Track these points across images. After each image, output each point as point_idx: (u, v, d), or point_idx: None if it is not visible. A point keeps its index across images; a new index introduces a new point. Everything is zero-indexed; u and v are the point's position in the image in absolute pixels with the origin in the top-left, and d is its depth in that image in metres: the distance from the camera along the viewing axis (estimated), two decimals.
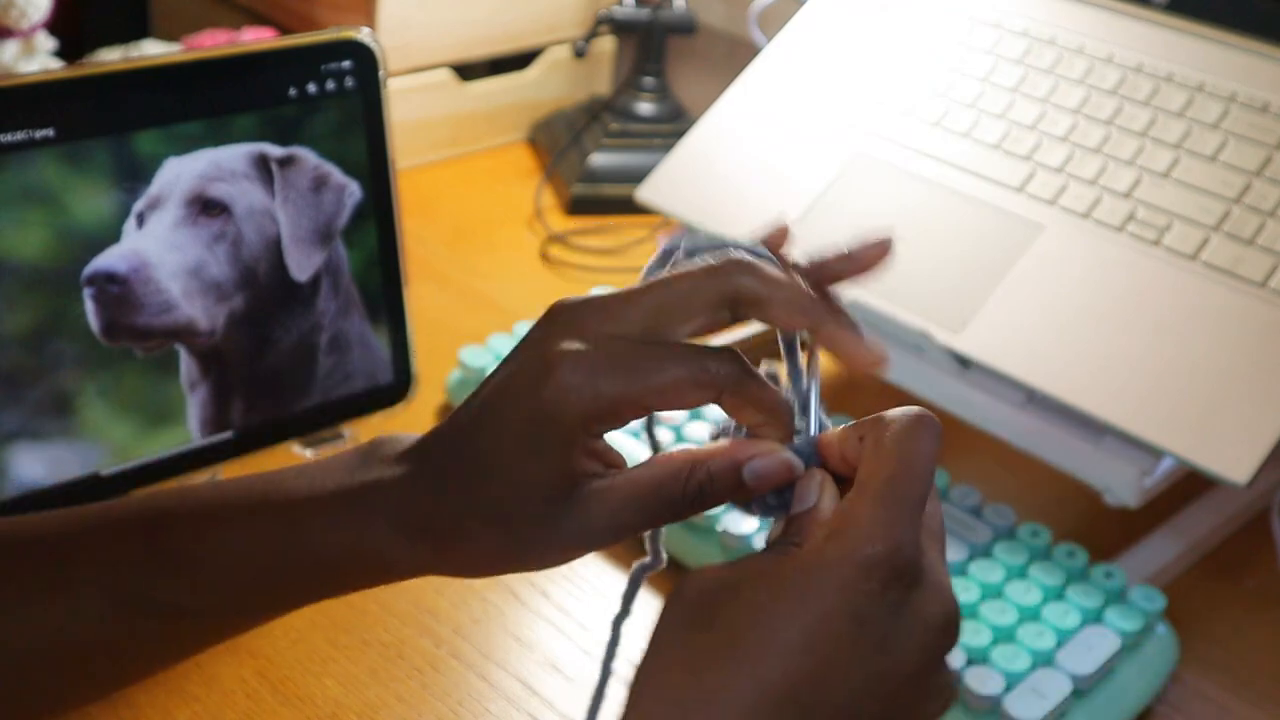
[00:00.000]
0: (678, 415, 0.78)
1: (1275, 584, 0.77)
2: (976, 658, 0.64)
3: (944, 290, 0.78)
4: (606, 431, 0.44)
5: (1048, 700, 0.62)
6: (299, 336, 0.70)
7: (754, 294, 0.43)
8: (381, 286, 0.72)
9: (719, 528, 0.71)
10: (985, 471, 0.80)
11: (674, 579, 0.43)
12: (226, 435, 0.68)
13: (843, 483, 0.43)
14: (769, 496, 0.44)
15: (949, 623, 0.41)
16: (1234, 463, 0.67)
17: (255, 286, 0.68)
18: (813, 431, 0.44)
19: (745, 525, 0.70)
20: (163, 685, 0.63)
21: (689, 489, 0.43)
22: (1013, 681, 0.63)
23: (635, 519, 0.43)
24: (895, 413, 0.42)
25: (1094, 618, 0.67)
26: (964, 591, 0.67)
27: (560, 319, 0.44)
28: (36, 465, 0.63)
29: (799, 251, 0.47)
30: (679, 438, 0.76)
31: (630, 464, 0.45)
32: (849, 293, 0.47)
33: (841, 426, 0.44)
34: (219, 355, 0.68)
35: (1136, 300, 0.74)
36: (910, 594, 0.39)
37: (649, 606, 0.71)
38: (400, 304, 0.73)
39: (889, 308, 0.78)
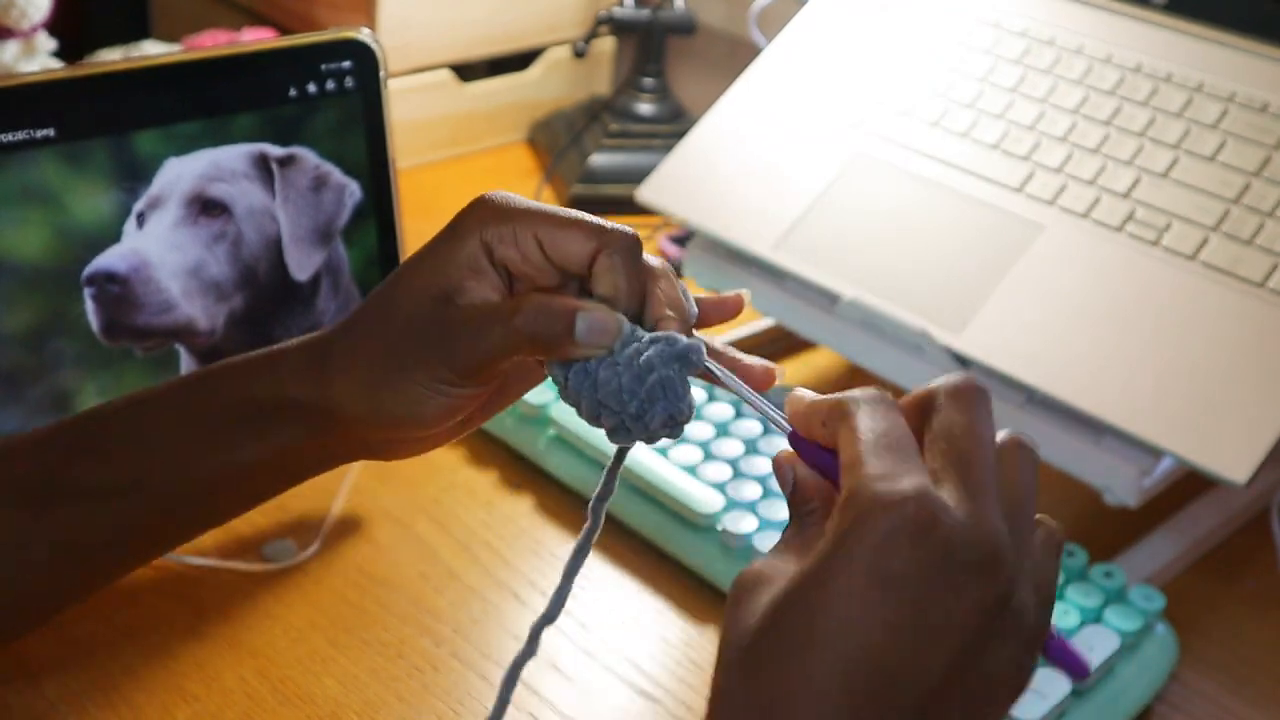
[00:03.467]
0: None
1: (1275, 584, 0.77)
2: None
3: (944, 290, 0.78)
4: (504, 255, 0.48)
5: (1048, 700, 0.62)
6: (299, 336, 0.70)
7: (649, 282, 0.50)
8: None
9: (719, 526, 0.71)
10: None
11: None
12: None
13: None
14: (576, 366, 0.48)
15: (986, 563, 0.39)
16: (1233, 462, 0.67)
17: (255, 286, 0.68)
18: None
19: (745, 525, 0.70)
20: (163, 685, 0.64)
21: (519, 317, 0.47)
22: None
23: (501, 341, 0.47)
24: (857, 393, 0.44)
25: (1093, 617, 0.67)
26: None
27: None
28: None
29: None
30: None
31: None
32: (848, 292, 0.48)
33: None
34: (219, 355, 0.68)
35: (1136, 300, 0.74)
36: (937, 540, 0.39)
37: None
38: None
39: (889, 308, 0.78)
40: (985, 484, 0.40)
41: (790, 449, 0.45)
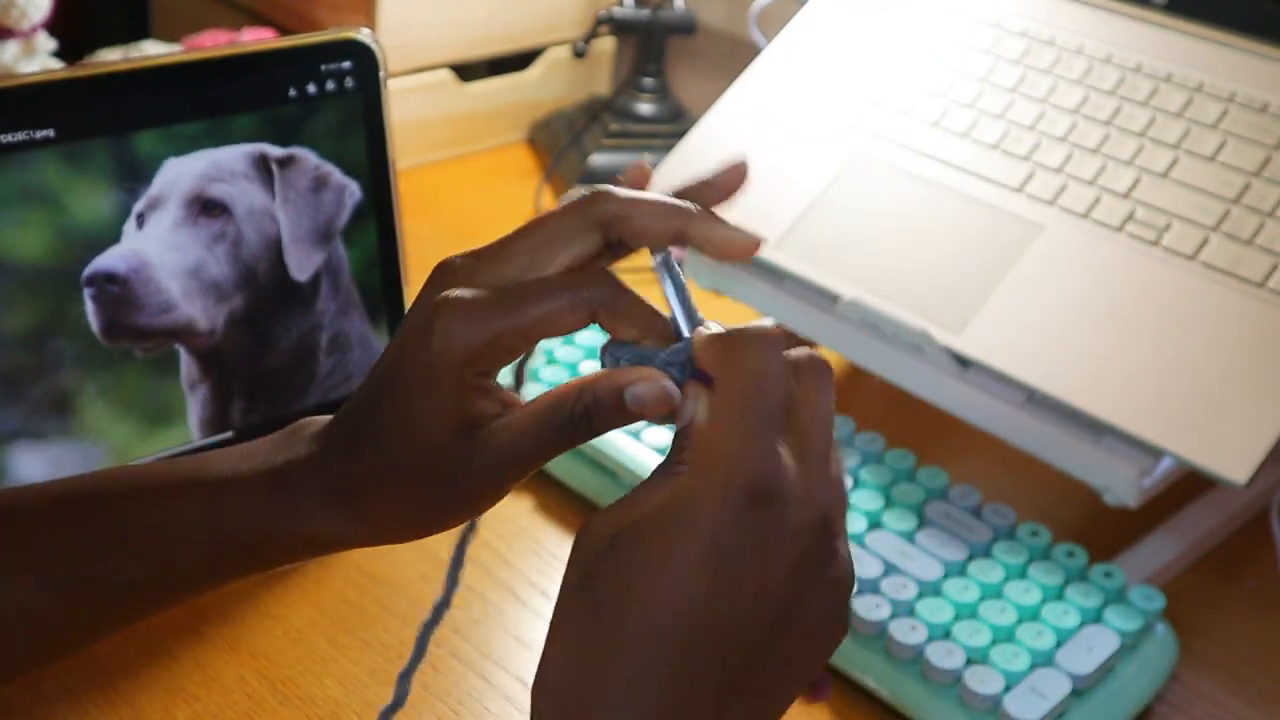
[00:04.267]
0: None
1: (1275, 584, 0.77)
2: (976, 657, 0.64)
3: (944, 290, 0.78)
4: (494, 368, 0.46)
5: (1047, 700, 0.62)
6: (299, 336, 0.70)
7: (621, 212, 0.46)
8: (381, 286, 0.72)
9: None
10: (985, 471, 0.80)
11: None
12: (227, 435, 0.68)
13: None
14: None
15: (817, 527, 0.42)
16: (1233, 462, 0.67)
17: (255, 286, 0.68)
18: (685, 334, 0.45)
19: None
20: (163, 685, 0.64)
21: (576, 412, 0.45)
22: (1012, 681, 0.63)
23: (533, 448, 0.46)
24: (740, 329, 0.44)
25: (1093, 617, 0.67)
26: (964, 591, 0.67)
27: (442, 274, 0.47)
28: (36, 465, 0.63)
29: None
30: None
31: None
32: (848, 292, 0.48)
33: (715, 329, 0.45)
34: (219, 355, 0.68)
35: (1136, 300, 0.74)
36: (772, 511, 0.41)
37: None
38: (400, 304, 0.73)
39: (889, 308, 0.78)
40: (817, 453, 0.42)
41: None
